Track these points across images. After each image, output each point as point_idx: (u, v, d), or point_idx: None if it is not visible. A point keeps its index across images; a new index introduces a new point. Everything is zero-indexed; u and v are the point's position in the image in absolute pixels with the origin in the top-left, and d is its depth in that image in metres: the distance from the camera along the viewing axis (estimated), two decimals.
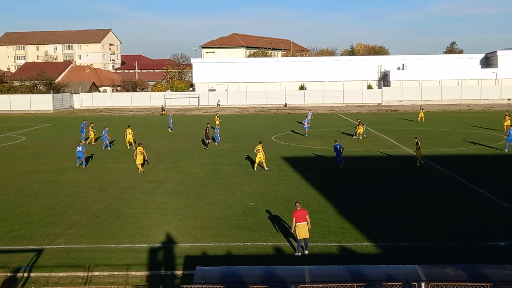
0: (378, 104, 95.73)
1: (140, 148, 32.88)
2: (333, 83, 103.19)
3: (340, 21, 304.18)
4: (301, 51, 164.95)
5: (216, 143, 44.82)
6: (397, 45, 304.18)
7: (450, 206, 23.84)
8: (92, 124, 48.39)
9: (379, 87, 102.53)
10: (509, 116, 51.41)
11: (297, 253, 17.88)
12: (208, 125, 45.16)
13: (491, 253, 17.72)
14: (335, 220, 21.88)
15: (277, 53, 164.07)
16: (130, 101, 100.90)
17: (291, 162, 35.68)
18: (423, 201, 24.69)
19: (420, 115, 62.82)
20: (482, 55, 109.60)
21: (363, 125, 48.10)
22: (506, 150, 38.49)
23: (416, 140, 35.05)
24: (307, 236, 17.88)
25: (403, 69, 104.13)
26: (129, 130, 44.39)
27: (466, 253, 17.77)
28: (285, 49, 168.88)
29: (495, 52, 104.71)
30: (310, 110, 67.32)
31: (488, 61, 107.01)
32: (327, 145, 43.14)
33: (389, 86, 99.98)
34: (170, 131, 56.35)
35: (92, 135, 47.07)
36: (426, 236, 19.59)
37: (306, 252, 17.95)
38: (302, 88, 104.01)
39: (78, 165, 35.39)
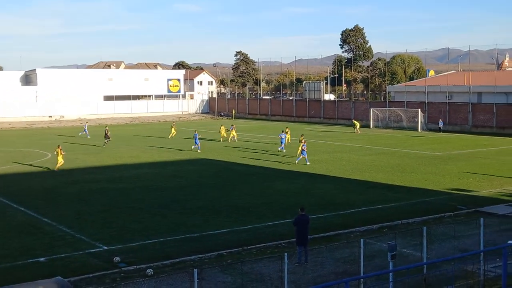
0: None
1: (58, 150, 37.48)
2: None
3: None
4: None
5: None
6: None
7: None
8: None
9: None
10: (175, 126, 59.76)
11: None
12: (107, 128, 53.43)
13: (33, 270, 18.01)
14: None
15: None
16: None
17: None
18: None
19: None
20: (22, 72, 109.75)
21: None
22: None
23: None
24: None
25: None
26: None
27: (3, 274, 17.63)
28: None
29: (35, 70, 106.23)
30: (196, 131, 50.82)
31: (28, 79, 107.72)
32: None
33: None
34: None
35: None
36: None
37: None
38: None
39: None
